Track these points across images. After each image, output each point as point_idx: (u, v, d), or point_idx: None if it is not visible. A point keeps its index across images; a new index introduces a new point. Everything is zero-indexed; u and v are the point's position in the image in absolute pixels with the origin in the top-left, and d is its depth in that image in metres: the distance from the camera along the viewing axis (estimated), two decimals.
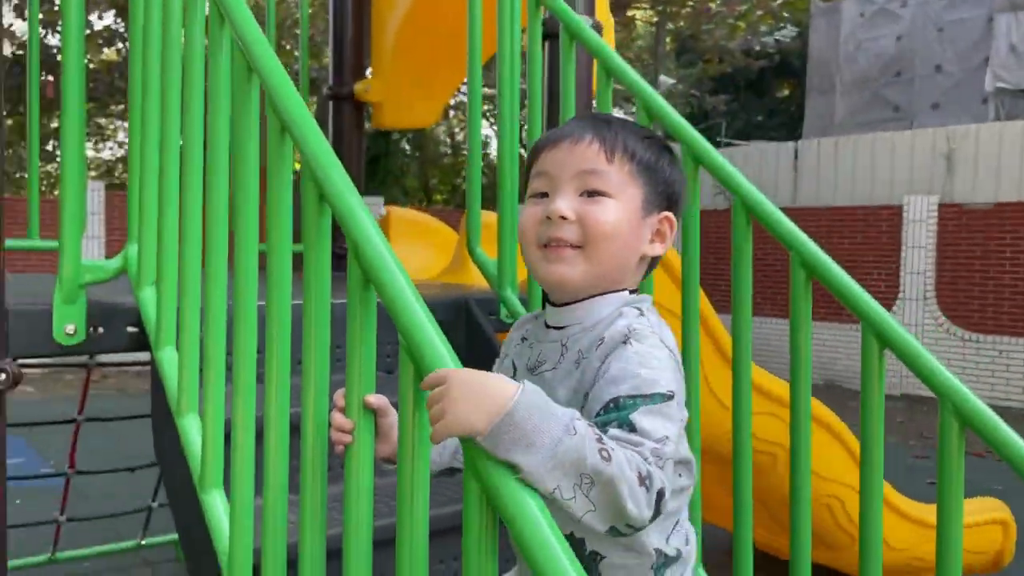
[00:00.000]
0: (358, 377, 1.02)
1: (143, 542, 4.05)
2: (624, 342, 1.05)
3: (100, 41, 11.45)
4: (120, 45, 12.54)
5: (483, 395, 0.86)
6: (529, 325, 1.25)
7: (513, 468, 0.84)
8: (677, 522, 1.15)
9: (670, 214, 1.19)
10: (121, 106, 13.18)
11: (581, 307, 1.15)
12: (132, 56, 1.72)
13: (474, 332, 2.24)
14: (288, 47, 12.60)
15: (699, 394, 1.73)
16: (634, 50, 18.52)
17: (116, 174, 16.28)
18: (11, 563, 3.62)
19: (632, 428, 0.97)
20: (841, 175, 10.54)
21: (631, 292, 1.17)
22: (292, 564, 1.19)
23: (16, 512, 4.16)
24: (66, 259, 1.68)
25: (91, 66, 12.48)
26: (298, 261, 1.22)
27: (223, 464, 1.41)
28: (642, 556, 1.11)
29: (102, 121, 14.97)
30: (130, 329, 1.77)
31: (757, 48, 17.87)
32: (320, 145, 1.12)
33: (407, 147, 17.27)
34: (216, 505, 1.38)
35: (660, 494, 0.94)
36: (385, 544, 1.06)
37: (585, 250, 1.12)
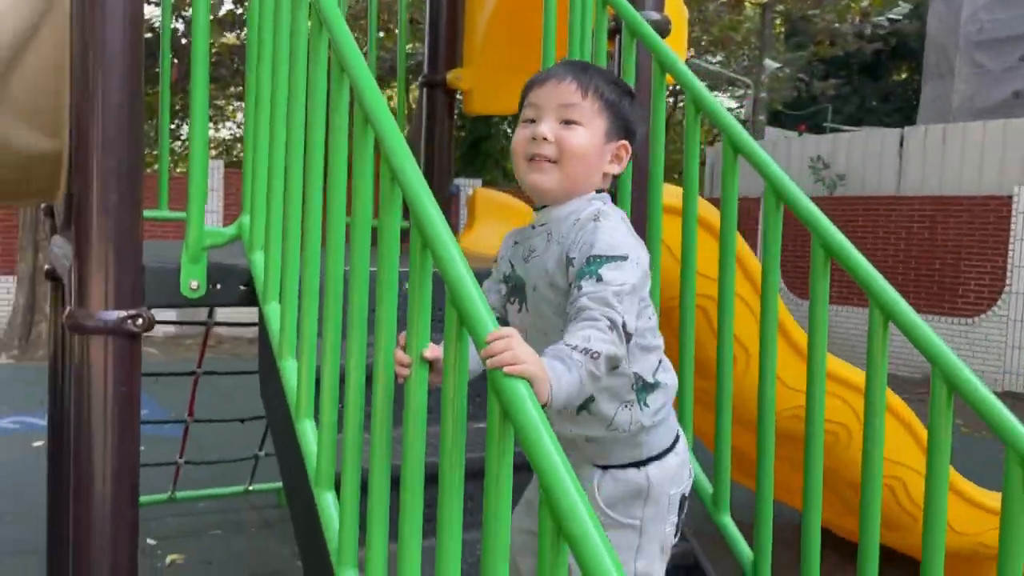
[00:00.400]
0: (417, 320, 1.26)
1: (250, 488, 4.47)
2: (595, 219, 1.41)
3: (221, 25, 12.08)
4: (240, 31, 13.11)
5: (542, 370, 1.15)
6: (518, 234, 1.58)
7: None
8: (660, 362, 1.50)
9: (626, 142, 1.52)
10: (240, 88, 13.88)
11: (558, 206, 1.48)
12: (248, 57, 2.01)
13: None
14: (395, 30, 12.98)
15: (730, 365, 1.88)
16: (742, 32, 18.17)
17: (234, 153, 17.19)
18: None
19: (599, 279, 1.32)
20: (948, 163, 10.21)
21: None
22: (364, 483, 1.45)
23: (143, 456, 4.63)
24: (192, 226, 1.99)
25: (213, 49, 13.17)
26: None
27: (314, 399, 1.69)
28: (624, 378, 1.45)
29: (221, 103, 15.78)
30: (242, 287, 2.07)
31: (868, 32, 17.21)
32: (395, 136, 1.36)
33: (508, 130, 17.54)
34: (307, 432, 1.66)
35: (623, 326, 1.28)
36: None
37: (559, 164, 1.45)
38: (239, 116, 16.86)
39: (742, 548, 1.88)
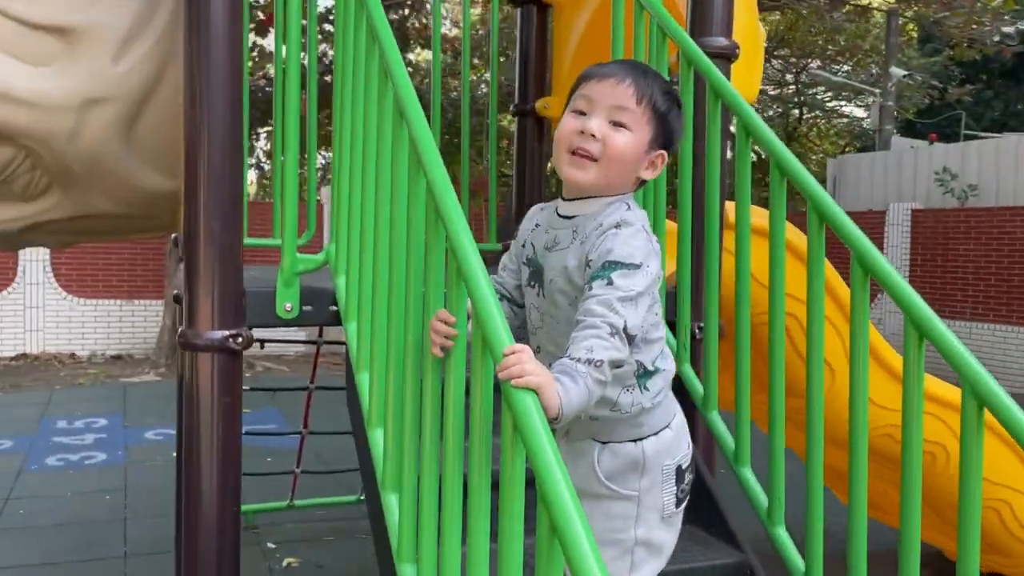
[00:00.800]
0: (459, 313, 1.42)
1: (362, 497, 4.72)
2: (616, 227, 1.49)
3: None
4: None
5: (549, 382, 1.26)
6: (540, 215, 1.66)
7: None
8: (661, 351, 1.62)
9: (664, 152, 1.60)
10: None
11: (587, 203, 1.57)
12: (335, 101, 2.23)
13: None
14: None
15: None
16: (869, 40, 17.54)
17: None
18: (259, 506, 4.43)
19: (610, 282, 1.42)
20: None
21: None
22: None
23: (267, 466, 4.99)
24: (286, 253, 2.21)
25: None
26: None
27: (384, 409, 1.86)
28: (628, 366, 1.54)
29: None
30: (331, 308, 2.28)
31: (997, 39, 16.21)
32: (441, 180, 1.50)
33: None
34: (378, 439, 1.84)
35: (624, 328, 1.39)
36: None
37: (600, 163, 1.53)
38: None
39: (794, 559, 1.92)
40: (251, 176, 19.15)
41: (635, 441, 1.60)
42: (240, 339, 2.16)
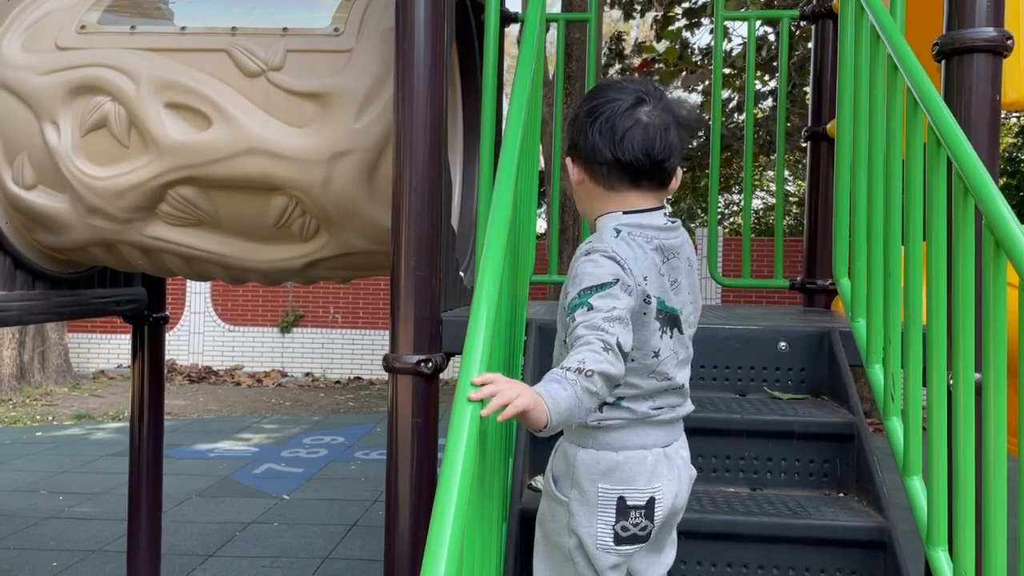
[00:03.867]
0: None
1: None
2: (586, 255, 1.49)
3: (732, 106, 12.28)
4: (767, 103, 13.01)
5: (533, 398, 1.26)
6: None
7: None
8: (635, 397, 1.55)
9: (570, 159, 1.62)
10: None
11: None
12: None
13: (833, 363, 2.25)
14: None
15: None
16: None
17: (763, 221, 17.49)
18: None
19: (590, 308, 1.41)
20: None
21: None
22: None
23: None
24: None
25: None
26: None
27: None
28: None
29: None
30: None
31: None
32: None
33: None
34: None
35: (619, 346, 1.37)
36: None
37: None
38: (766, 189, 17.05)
39: None
40: None
41: (576, 445, 1.58)
42: (430, 364, 2.31)
